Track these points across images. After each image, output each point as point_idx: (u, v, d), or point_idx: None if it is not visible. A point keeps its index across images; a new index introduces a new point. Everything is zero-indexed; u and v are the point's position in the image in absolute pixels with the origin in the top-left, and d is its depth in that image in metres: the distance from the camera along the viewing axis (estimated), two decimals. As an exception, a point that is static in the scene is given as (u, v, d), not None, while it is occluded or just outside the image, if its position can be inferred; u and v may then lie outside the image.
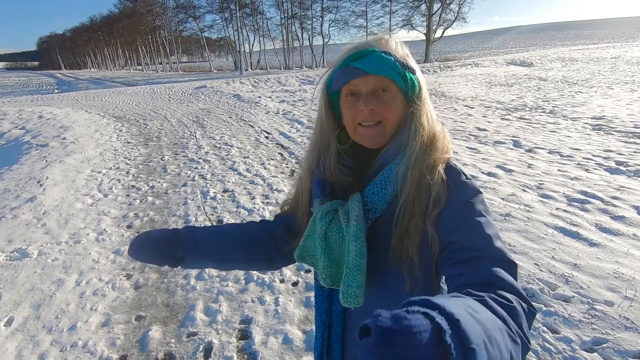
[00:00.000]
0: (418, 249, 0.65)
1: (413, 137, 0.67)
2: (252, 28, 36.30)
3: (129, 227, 3.48)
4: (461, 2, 28.40)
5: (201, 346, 2.00)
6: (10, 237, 3.25)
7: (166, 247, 0.74)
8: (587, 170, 4.12)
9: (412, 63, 0.71)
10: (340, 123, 0.76)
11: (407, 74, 0.68)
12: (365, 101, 0.67)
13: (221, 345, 1.99)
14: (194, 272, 2.68)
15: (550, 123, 6.43)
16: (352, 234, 0.64)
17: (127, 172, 5.12)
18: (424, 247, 0.65)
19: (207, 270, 2.67)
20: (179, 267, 0.78)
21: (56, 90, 24.17)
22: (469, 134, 6.02)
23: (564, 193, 3.54)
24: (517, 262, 0.61)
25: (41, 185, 4.48)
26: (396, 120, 0.70)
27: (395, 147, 0.69)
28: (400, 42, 0.73)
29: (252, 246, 0.83)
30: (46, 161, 5.55)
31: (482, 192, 0.67)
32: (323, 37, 33.33)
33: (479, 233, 0.61)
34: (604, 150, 4.73)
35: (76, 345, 2.04)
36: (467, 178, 0.68)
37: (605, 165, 4.20)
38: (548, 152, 4.83)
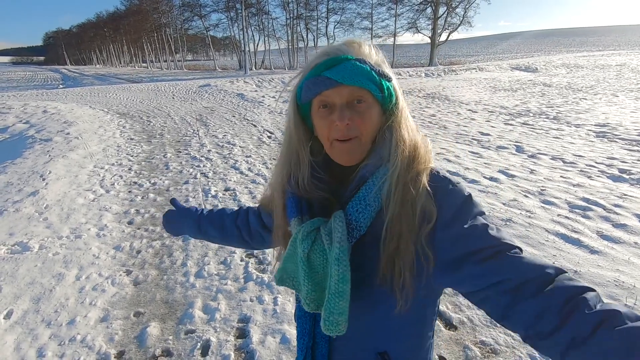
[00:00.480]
0: (411, 268, 0.61)
1: (394, 151, 0.62)
2: (258, 28, 36.41)
3: (130, 223, 3.49)
4: (467, 6, 28.42)
5: (199, 344, 2.00)
6: (11, 231, 3.26)
7: (184, 221, 1.06)
8: (589, 177, 4.10)
9: (388, 70, 0.66)
10: (312, 134, 0.70)
11: (383, 82, 0.63)
12: (340, 115, 0.61)
13: (219, 344, 2.00)
14: (193, 269, 2.68)
15: (554, 129, 6.41)
16: (334, 257, 0.59)
17: (130, 169, 5.13)
18: (418, 265, 0.61)
19: (206, 268, 2.68)
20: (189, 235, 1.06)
21: (61, 86, 24.29)
22: (472, 138, 6.02)
23: (565, 200, 3.53)
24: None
25: (44, 180, 4.50)
26: (373, 133, 0.65)
27: (375, 160, 0.64)
28: (375, 46, 0.67)
29: (230, 236, 1.00)
30: (49, 156, 5.57)
31: (470, 193, 0.65)
32: (328, 39, 33.42)
33: (487, 236, 0.59)
34: (607, 158, 4.71)
35: (74, 340, 2.04)
36: (453, 185, 0.65)
37: (608, 173, 4.19)
38: (551, 158, 4.82)
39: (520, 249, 0.59)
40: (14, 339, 2.05)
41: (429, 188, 0.62)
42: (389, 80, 0.64)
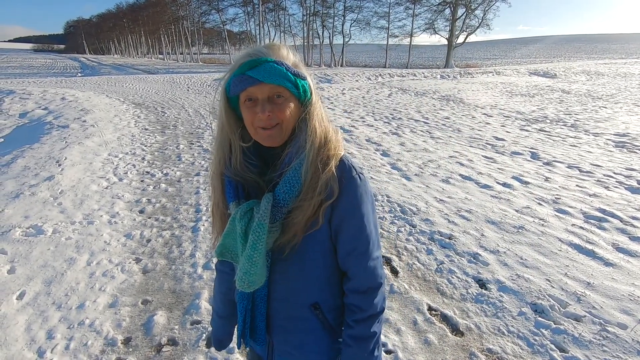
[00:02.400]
0: (305, 229, 0.76)
1: (309, 139, 0.75)
2: (274, 23, 36.46)
3: (141, 212, 3.54)
4: (486, 9, 27.93)
5: (204, 334, 2.02)
6: (27, 214, 3.34)
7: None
8: (607, 187, 4.00)
9: (303, 70, 0.78)
10: (242, 122, 0.80)
11: (298, 81, 0.75)
12: (262, 108, 0.73)
13: (224, 336, 2.01)
14: (201, 261, 2.70)
15: (571, 137, 6.27)
16: (253, 228, 0.73)
17: (143, 158, 5.20)
18: (319, 234, 0.78)
19: (214, 260, 2.70)
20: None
21: (79, 74, 24.73)
22: (486, 143, 5.92)
23: (581, 209, 3.45)
24: (383, 262, 0.79)
25: (60, 165, 4.59)
26: (292, 122, 0.77)
27: (295, 149, 0.76)
28: (291, 48, 0.80)
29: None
30: (66, 142, 5.68)
31: (368, 185, 0.82)
32: (344, 37, 33.23)
33: (358, 235, 0.80)
34: (626, 169, 4.58)
35: (83, 324, 2.08)
36: (356, 172, 0.80)
37: (627, 184, 4.07)
38: (567, 167, 4.71)
39: (377, 265, 0.85)
40: (25, 319, 2.10)
41: (335, 171, 0.76)
42: (304, 78, 0.77)
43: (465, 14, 28.31)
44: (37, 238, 2.96)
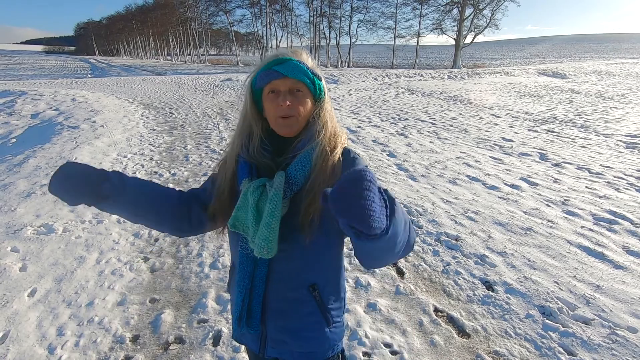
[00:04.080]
0: (320, 214, 0.82)
1: (321, 130, 0.86)
2: (281, 24, 36.59)
3: (149, 211, 3.58)
4: (495, 8, 27.70)
5: (210, 333, 2.04)
6: (38, 212, 3.40)
7: (93, 181, 0.77)
8: (617, 189, 3.94)
9: (319, 72, 0.90)
10: (262, 115, 0.92)
11: (315, 80, 0.87)
12: (284, 98, 0.83)
13: (230, 335, 2.02)
14: (208, 260, 2.73)
15: (581, 138, 6.19)
16: (269, 197, 0.79)
17: (151, 158, 5.26)
18: (326, 214, 0.81)
19: (220, 260, 2.72)
20: (94, 206, 0.79)
21: (89, 75, 25.08)
22: (494, 144, 5.87)
23: (590, 211, 3.41)
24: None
25: (70, 165, 4.66)
26: (306, 115, 0.88)
27: (308, 137, 0.86)
28: (310, 54, 0.91)
29: (166, 211, 0.91)
30: (76, 142, 5.77)
31: (367, 165, 0.85)
32: (350, 37, 33.22)
33: None
34: (637, 170, 4.51)
35: (92, 321, 2.11)
36: (357, 155, 0.90)
37: (638, 186, 4.01)
38: (576, 168, 4.66)
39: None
40: (37, 316, 2.14)
41: (341, 157, 0.87)
42: (320, 79, 0.89)
43: (473, 14, 28.12)
44: (48, 237, 3.01)
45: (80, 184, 0.75)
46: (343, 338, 1.01)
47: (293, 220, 0.83)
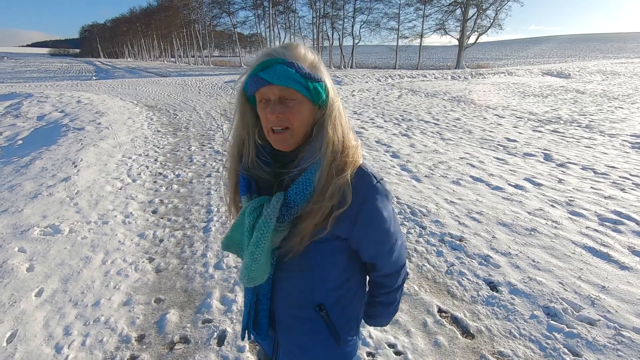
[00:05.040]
0: (311, 235, 0.76)
1: (324, 144, 0.74)
2: (284, 26, 36.63)
3: (154, 212, 3.60)
4: (498, 8, 27.60)
5: (215, 333, 2.05)
6: (45, 213, 3.43)
7: None
8: (622, 189, 3.92)
9: (321, 71, 0.76)
10: (259, 121, 0.81)
11: (309, 83, 0.73)
12: (272, 109, 0.72)
13: (235, 335, 2.03)
14: (212, 261, 2.74)
15: (586, 138, 6.15)
16: (259, 225, 0.73)
17: (156, 160, 5.29)
18: (331, 243, 0.79)
19: (225, 260, 2.73)
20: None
21: (94, 77, 25.27)
22: (498, 144, 5.86)
23: (595, 212, 3.39)
24: (407, 262, 0.84)
25: (75, 167, 4.71)
26: (304, 125, 0.75)
27: (310, 153, 0.75)
28: (310, 48, 0.77)
29: None
30: (81, 144, 5.82)
31: (387, 188, 0.80)
32: (353, 38, 33.20)
33: (383, 240, 0.83)
34: (643, 170, 4.48)
35: (98, 321, 2.13)
36: (376, 180, 0.79)
37: (643, 186, 3.98)
38: (581, 168, 4.63)
39: (403, 267, 0.94)
40: (44, 315, 2.16)
41: (351, 180, 0.75)
42: (318, 80, 0.74)
43: (476, 14, 28.02)
44: (54, 237, 3.04)
45: None
46: (355, 355, 0.97)
47: (291, 242, 0.78)
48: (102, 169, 4.77)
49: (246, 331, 0.91)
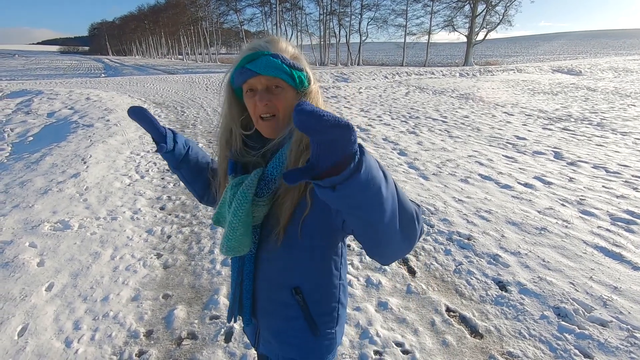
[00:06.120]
0: (290, 211, 0.78)
1: None
2: (291, 23, 36.57)
3: (162, 208, 3.63)
4: (508, 4, 27.22)
5: (222, 330, 2.06)
6: (55, 209, 3.47)
7: (163, 132, 0.98)
8: (635, 189, 3.84)
9: (301, 61, 0.83)
10: (246, 110, 0.87)
11: (294, 72, 0.79)
12: (260, 97, 0.78)
13: (242, 332, 2.04)
14: (220, 257, 2.75)
15: (597, 136, 6.05)
16: (237, 196, 0.77)
17: (163, 157, 5.32)
18: (301, 213, 0.78)
19: (229, 259, 2.73)
20: (159, 147, 0.95)
21: (103, 75, 25.51)
22: (507, 142, 5.78)
23: (607, 211, 3.33)
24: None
25: (85, 163, 4.75)
26: (289, 111, 0.81)
27: (286, 131, 0.80)
28: (289, 42, 0.85)
29: (201, 178, 1.09)
30: (91, 140, 5.88)
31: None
32: (360, 35, 33.05)
33: None
34: (657, 169, 4.39)
35: (107, 316, 2.16)
36: None
37: (657, 185, 3.90)
38: (592, 167, 4.55)
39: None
40: (54, 310, 2.19)
41: None
42: (300, 69, 0.81)
43: (485, 10, 27.68)
44: (64, 232, 3.08)
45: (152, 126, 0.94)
46: (334, 353, 0.96)
47: (272, 221, 0.81)
48: (110, 165, 4.81)
49: (230, 314, 0.94)
